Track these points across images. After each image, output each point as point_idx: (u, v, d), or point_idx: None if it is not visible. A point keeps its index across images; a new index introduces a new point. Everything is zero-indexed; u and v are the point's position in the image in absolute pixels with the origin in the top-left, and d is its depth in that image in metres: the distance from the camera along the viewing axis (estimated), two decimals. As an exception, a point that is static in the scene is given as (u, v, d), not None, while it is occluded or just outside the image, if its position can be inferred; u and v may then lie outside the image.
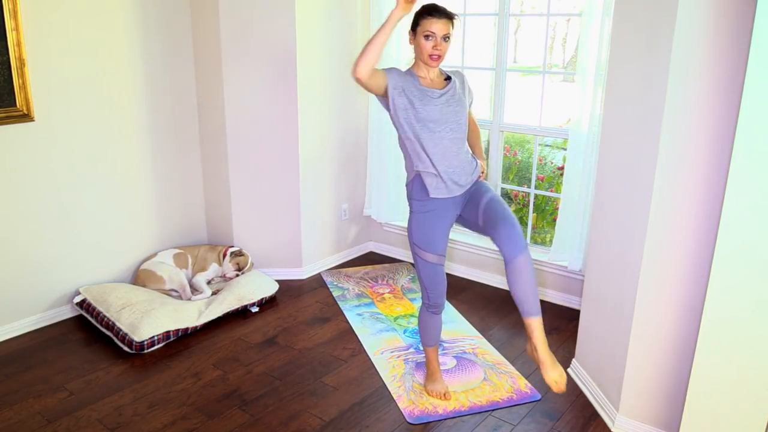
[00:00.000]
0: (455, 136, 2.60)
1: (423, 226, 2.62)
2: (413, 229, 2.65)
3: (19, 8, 3.04)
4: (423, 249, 2.63)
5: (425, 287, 2.71)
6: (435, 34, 2.50)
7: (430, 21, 2.50)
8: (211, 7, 3.71)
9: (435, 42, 2.51)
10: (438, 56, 2.54)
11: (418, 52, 2.58)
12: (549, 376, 2.38)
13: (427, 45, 2.52)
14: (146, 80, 3.68)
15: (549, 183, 5.32)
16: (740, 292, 1.97)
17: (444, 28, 2.51)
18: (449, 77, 2.67)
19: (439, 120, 2.56)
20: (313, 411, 2.74)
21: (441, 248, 2.65)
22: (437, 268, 2.67)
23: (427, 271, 2.66)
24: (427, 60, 2.55)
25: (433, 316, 2.76)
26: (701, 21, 2.08)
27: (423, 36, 2.52)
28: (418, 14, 2.57)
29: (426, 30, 2.51)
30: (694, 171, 2.21)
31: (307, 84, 3.87)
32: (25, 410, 2.72)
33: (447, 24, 2.52)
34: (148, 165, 3.80)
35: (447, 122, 2.58)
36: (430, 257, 2.64)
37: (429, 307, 2.74)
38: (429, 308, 2.74)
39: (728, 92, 2.07)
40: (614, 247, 2.62)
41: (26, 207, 3.28)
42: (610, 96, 2.66)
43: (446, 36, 2.53)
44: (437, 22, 2.50)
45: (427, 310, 2.76)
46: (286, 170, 3.96)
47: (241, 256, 3.90)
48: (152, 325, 3.19)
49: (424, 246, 2.63)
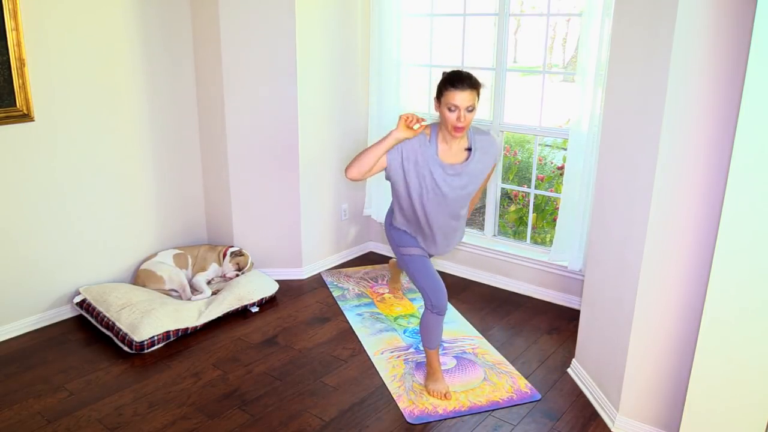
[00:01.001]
0: (453, 213, 2.71)
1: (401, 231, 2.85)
2: (394, 235, 2.86)
3: (19, 8, 3.04)
4: (406, 246, 2.81)
5: (423, 288, 2.76)
6: (459, 108, 2.45)
7: (453, 93, 2.44)
8: (212, 7, 3.71)
9: (458, 114, 2.46)
10: (462, 128, 2.50)
11: (442, 120, 2.53)
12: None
13: (451, 117, 2.47)
14: (146, 80, 3.68)
15: (549, 183, 5.32)
16: (740, 292, 1.97)
17: (468, 99, 2.45)
18: (470, 148, 2.63)
19: (439, 194, 2.62)
20: (313, 411, 2.74)
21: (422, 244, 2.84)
22: (425, 261, 2.80)
23: (417, 265, 2.79)
24: (451, 131, 2.51)
25: (436, 317, 2.78)
26: (701, 21, 2.08)
27: (446, 108, 2.47)
28: (441, 83, 2.52)
29: (449, 103, 2.45)
30: (694, 171, 2.21)
31: (308, 84, 3.87)
32: (25, 410, 2.72)
33: (471, 95, 2.46)
34: (148, 165, 3.80)
35: (447, 199, 2.64)
36: (414, 250, 2.79)
37: (432, 308, 2.76)
38: (432, 309, 2.76)
39: (728, 92, 2.07)
40: (614, 247, 2.62)
41: (26, 207, 3.28)
42: (610, 96, 2.66)
43: (470, 107, 2.47)
44: (460, 94, 2.44)
45: (431, 312, 2.77)
46: (286, 170, 3.96)
47: (241, 256, 3.90)
48: (152, 325, 3.19)
49: (406, 243, 2.81)
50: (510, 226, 5.12)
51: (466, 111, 2.46)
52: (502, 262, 4.02)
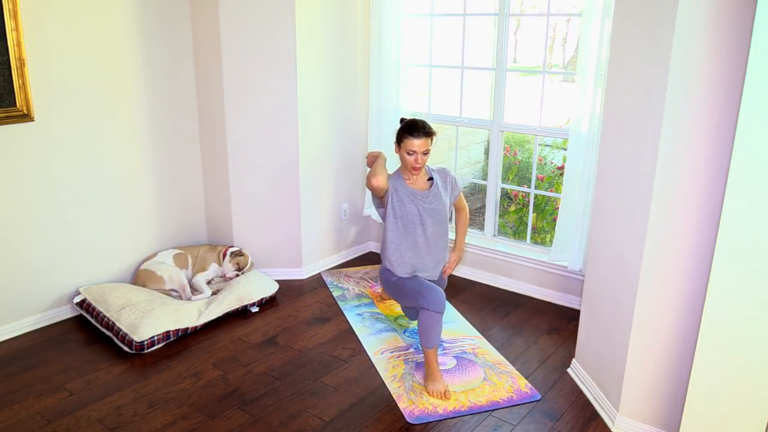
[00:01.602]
0: (432, 231, 3.06)
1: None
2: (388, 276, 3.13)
3: (19, 8, 3.04)
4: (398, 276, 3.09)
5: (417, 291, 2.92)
6: (416, 152, 2.95)
7: (410, 141, 2.94)
8: (211, 7, 3.71)
9: (416, 157, 2.96)
10: (419, 168, 3.00)
11: (402, 161, 3.04)
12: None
13: (409, 159, 2.98)
14: (146, 80, 3.68)
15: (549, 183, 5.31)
16: (740, 292, 1.97)
17: (423, 144, 2.94)
18: (431, 177, 3.11)
19: (417, 216, 3.02)
20: (313, 411, 2.74)
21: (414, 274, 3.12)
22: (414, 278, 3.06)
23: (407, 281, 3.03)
24: (410, 170, 3.03)
25: (434, 315, 2.79)
26: (701, 21, 2.08)
27: (405, 152, 2.98)
28: (400, 131, 3.00)
29: (408, 148, 2.96)
30: (694, 171, 2.20)
31: (308, 84, 3.87)
32: (25, 410, 2.72)
33: (426, 141, 2.95)
34: (148, 165, 3.80)
35: (425, 220, 3.04)
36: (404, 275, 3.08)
37: (429, 306, 2.77)
38: (429, 308, 2.78)
39: (728, 92, 2.07)
40: (614, 247, 2.62)
41: (26, 207, 3.28)
42: (610, 96, 2.66)
43: (426, 151, 2.97)
44: (417, 140, 2.93)
45: (427, 310, 2.78)
46: (286, 170, 3.96)
47: (241, 256, 3.90)
48: (152, 325, 3.19)
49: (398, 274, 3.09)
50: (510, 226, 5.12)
51: (422, 154, 2.96)
52: (502, 262, 4.02)
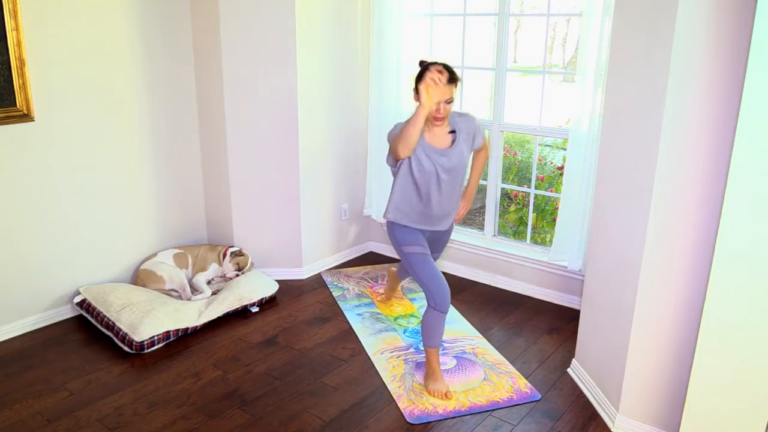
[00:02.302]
0: (445, 188, 2.78)
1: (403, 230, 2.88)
2: (396, 234, 2.88)
3: (19, 8, 3.04)
4: (410, 244, 2.82)
5: (427, 286, 2.77)
6: (438, 100, 2.54)
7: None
8: (212, 7, 3.71)
9: (438, 106, 2.56)
10: (442, 118, 2.61)
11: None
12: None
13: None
14: (146, 80, 3.68)
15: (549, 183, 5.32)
16: (740, 293, 1.97)
17: (447, 92, 2.55)
18: (453, 130, 2.74)
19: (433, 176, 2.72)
20: (313, 411, 2.74)
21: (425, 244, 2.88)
22: (427, 258, 2.83)
23: (421, 264, 2.82)
24: (431, 121, 2.64)
25: (438, 316, 2.78)
26: (701, 21, 2.07)
27: None
28: (421, 75, 2.58)
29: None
30: (694, 171, 2.20)
31: (308, 84, 3.87)
32: (25, 410, 2.72)
33: (450, 88, 2.56)
34: (148, 165, 3.80)
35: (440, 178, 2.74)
36: (416, 248, 2.81)
37: (435, 306, 2.77)
38: (435, 307, 2.76)
39: (728, 92, 2.07)
40: (614, 247, 2.62)
41: (26, 207, 3.28)
42: (610, 96, 2.65)
43: (449, 99, 2.58)
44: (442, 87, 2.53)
45: (433, 309, 2.77)
46: (286, 170, 3.96)
47: (241, 256, 3.90)
48: (152, 325, 3.19)
49: (410, 242, 2.82)
50: (510, 226, 5.12)
51: (445, 103, 2.58)
52: (502, 262, 4.02)
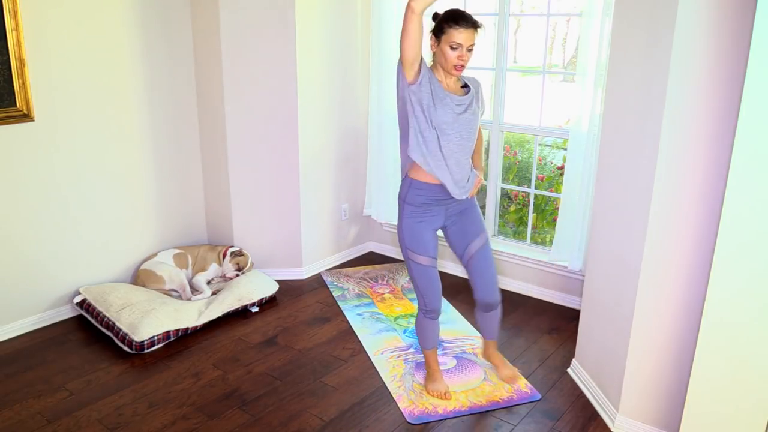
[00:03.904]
0: (463, 144, 2.60)
1: (413, 229, 2.66)
2: (404, 234, 2.68)
3: (19, 8, 3.04)
4: (416, 252, 2.67)
5: (421, 293, 2.75)
6: (461, 45, 2.44)
7: (457, 31, 2.43)
8: (212, 7, 3.71)
9: (460, 53, 2.45)
10: (462, 66, 2.49)
11: (440, 59, 2.51)
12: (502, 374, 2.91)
13: (452, 55, 2.45)
14: (146, 80, 3.68)
15: (549, 183, 5.31)
16: (740, 293, 1.97)
17: (470, 38, 2.45)
18: (466, 85, 2.64)
19: (452, 124, 2.54)
20: (313, 411, 2.74)
21: (432, 251, 2.69)
22: (430, 271, 2.70)
23: (421, 275, 2.71)
24: (450, 69, 2.49)
25: (430, 321, 2.77)
26: (701, 21, 2.08)
27: (448, 45, 2.45)
28: (442, 20, 2.49)
29: (452, 40, 2.44)
30: (694, 171, 2.20)
31: (308, 84, 3.87)
32: (25, 410, 2.72)
33: (473, 34, 2.46)
34: (148, 165, 3.80)
35: (458, 129, 2.56)
36: (423, 260, 2.67)
37: (426, 312, 2.75)
38: (426, 314, 2.76)
39: (728, 92, 2.07)
40: (614, 247, 2.62)
41: (26, 207, 3.28)
42: (610, 96, 2.65)
43: (471, 47, 2.47)
44: (464, 32, 2.43)
45: (424, 315, 2.77)
46: (287, 170, 3.96)
47: (241, 256, 3.90)
48: (152, 325, 3.19)
49: (416, 249, 2.67)
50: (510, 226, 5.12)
51: (467, 50, 2.46)
52: (502, 262, 4.02)
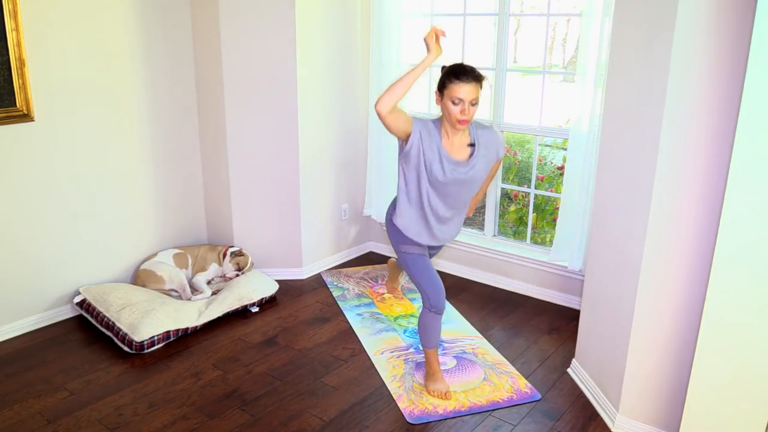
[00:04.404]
0: (454, 204, 2.67)
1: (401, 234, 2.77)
2: (395, 234, 2.78)
3: (19, 8, 3.04)
4: (406, 243, 2.76)
5: (423, 287, 2.76)
6: (463, 101, 2.43)
7: (458, 86, 2.42)
8: (212, 7, 3.71)
9: (462, 107, 2.43)
10: (466, 121, 2.46)
11: (445, 113, 2.50)
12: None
13: (454, 110, 2.44)
14: (146, 80, 3.68)
15: (549, 183, 5.32)
16: (740, 293, 1.97)
17: (472, 92, 2.43)
18: (473, 144, 2.59)
19: (446, 184, 2.57)
20: (313, 411, 2.74)
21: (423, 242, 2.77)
22: (425, 260, 2.78)
23: (417, 265, 2.77)
24: (454, 124, 2.48)
25: (434, 317, 2.78)
26: (701, 21, 2.08)
27: (450, 101, 2.44)
28: (445, 75, 2.48)
29: (453, 95, 2.43)
30: (694, 171, 2.21)
31: (308, 84, 3.87)
32: (25, 410, 2.72)
33: (475, 88, 2.44)
34: (148, 165, 3.80)
35: (451, 191, 2.60)
36: (414, 248, 2.75)
37: (431, 308, 2.76)
38: (431, 309, 2.76)
39: (728, 92, 2.07)
40: (614, 247, 2.62)
41: (26, 207, 3.28)
42: (610, 96, 2.65)
43: (474, 101, 2.44)
44: (465, 86, 2.42)
45: (429, 311, 2.77)
46: (286, 170, 3.96)
47: (241, 256, 3.90)
48: (152, 325, 3.19)
49: (406, 241, 2.76)
50: (510, 226, 5.12)
51: (470, 104, 2.43)
52: (502, 262, 4.02)
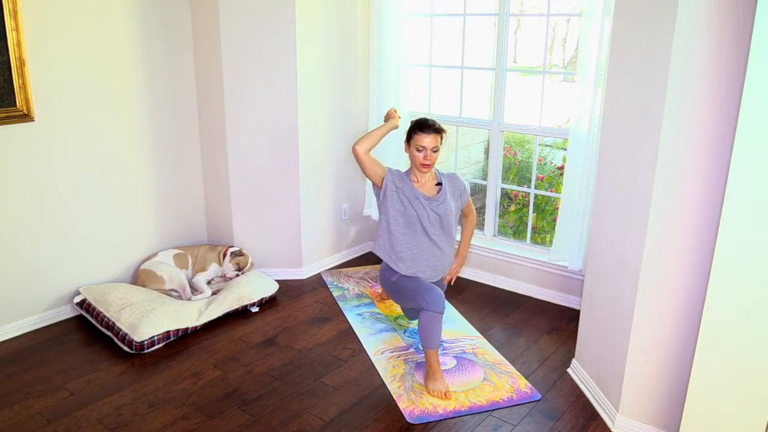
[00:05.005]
0: (436, 235, 3.05)
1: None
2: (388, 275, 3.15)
3: (19, 8, 3.04)
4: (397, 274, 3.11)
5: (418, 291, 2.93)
6: (425, 148, 2.96)
7: (420, 136, 2.95)
8: (212, 7, 3.71)
9: (425, 154, 2.96)
10: (428, 165, 2.99)
11: (412, 159, 3.03)
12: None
13: (419, 156, 2.98)
14: (146, 80, 3.68)
15: (549, 183, 5.31)
16: (740, 292, 1.97)
17: (433, 141, 2.95)
18: (440, 183, 3.10)
19: (420, 220, 3.01)
20: (313, 411, 2.74)
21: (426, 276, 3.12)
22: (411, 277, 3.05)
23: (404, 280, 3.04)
24: (419, 167, 3.01)
25: (434, 316, 2.78)
26: (701, 21, 2.08)
27: (415, 148, 2.98)
28: (411, 128, 3.01)
29: (417, 144, 2.97)
30: (694, 171, 2.21)
31: (308, 84, 3.87)
32: (25, 410, 2.72)
33: (436, 138, 2.96)
34: (148, 165, 3.80)
35: (429, 224, 3.02)
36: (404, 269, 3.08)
37: (429, 307, 2.77)
38: (429, 308, 2.77)
39: (728, 92, 2.07)
40: (614, 247, 2.62)
41: (26, 207, 3.28)
42: (610, 96, 2.66)
43: (435, 148, 2.96)
44: (427, 137, 2.94)
45: (427, 310, 2.78)
46: (287, 170, 3.96)
47: (241, 256, 3.90)
48: (152, 325, 3.19)
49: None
50: (510, 226, 5.12)
51: (431, 151, 2.96)
52: (502, 262, 4.02)
